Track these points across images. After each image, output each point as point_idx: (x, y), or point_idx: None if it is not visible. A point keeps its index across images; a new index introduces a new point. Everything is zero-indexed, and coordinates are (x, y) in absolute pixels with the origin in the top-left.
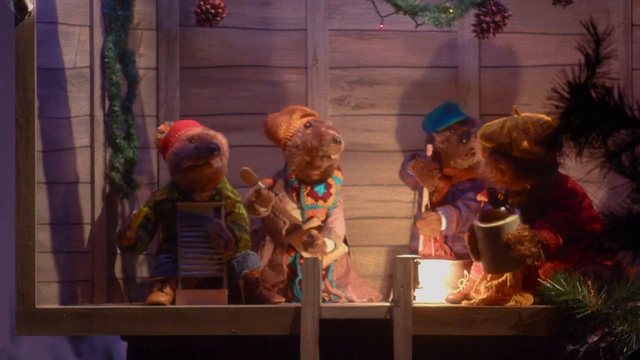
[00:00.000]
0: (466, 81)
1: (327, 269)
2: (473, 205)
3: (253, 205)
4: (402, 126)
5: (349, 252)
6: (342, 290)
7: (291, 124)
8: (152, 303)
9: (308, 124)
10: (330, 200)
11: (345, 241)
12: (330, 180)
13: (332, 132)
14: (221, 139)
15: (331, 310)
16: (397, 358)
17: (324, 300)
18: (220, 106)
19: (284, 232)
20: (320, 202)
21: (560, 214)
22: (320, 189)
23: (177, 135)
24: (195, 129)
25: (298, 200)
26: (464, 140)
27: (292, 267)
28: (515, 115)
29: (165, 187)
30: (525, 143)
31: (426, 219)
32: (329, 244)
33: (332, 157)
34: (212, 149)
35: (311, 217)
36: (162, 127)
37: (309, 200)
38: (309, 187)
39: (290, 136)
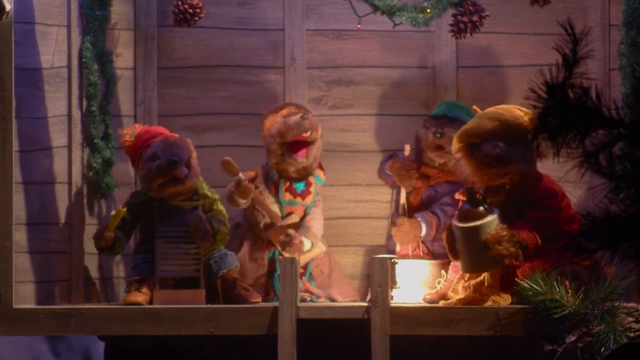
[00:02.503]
0: (443, 81)
1: (305, 267)
2: (450, 211)
3: (233, 196)
4: (380, 126)
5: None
6: (326, 290)
7: (275, 119)
8: (129, 303)
9: (287, 115)
10: (309, 199)
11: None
12: (310, 179)
13: (302, 115)
14: (182, 143)
15: (308, 310)
16: (374, 358)
17: (304, 300)
18: (197, 106)
19: (261, 227)
20: (299, 199)
21: (540, 214)
22: (299, 186)
23: (141, 149)
24: (155, 141)
25: (276, 195)
26: (438, 135)
27: (272, 262)
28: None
29: (142, 188)
30: (498, 122)
31: (406, 226)
32: (306, 243)
33: (304, 135)
34: (171, 162)
35: (290, 213)
36: (126, 132)
37: (287, 196)
38: (288, 183)
39: (269, 127)
